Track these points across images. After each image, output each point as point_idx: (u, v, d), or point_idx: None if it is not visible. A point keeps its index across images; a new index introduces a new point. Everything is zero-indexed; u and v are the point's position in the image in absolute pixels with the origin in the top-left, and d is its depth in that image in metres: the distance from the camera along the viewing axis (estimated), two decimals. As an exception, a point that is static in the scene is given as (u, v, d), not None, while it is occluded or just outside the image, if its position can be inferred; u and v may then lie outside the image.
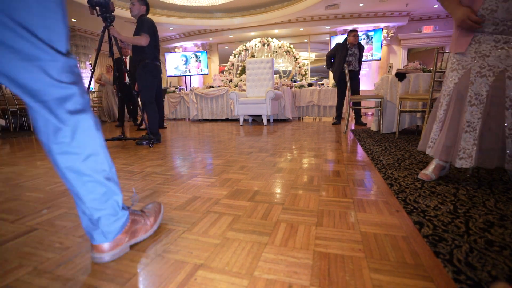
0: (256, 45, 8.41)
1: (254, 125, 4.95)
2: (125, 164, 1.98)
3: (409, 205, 1.09)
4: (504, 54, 1.18)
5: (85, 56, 8.09)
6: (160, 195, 1.29)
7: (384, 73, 7.63)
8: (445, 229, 0.88)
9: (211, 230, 0.92)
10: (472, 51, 1.26)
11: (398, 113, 2.97)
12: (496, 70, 1.20)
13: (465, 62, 1.28)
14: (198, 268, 0.71)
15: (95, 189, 0.71)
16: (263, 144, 2.73)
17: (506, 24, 1.17)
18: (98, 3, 2.37)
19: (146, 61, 2.89)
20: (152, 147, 2.73)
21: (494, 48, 1.20)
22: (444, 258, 0.72)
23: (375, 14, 7.37)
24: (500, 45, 1.19)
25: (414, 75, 3.02)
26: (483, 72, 1.22)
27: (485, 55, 1.22)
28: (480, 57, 1.23)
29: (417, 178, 1.44)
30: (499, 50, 1.19)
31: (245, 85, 5.43)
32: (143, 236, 0.85)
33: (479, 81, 1.23)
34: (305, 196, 1.22)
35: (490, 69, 1.21)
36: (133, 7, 2.79)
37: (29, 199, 1.28)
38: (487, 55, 1.22)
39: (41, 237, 0.90)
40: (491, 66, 1.21)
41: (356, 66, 4.47)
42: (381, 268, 0.69)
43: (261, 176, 1.57)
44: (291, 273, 0.68)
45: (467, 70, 1.28)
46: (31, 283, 0.67)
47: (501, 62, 1.19)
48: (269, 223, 0.96)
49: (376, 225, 0.93)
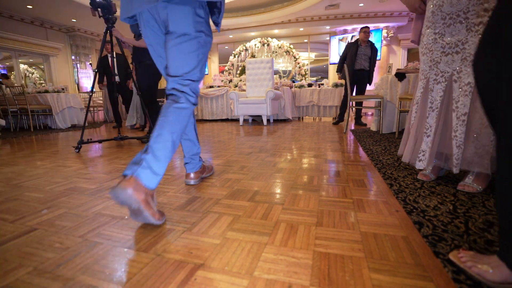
0: (256, 45, 8.42)
1: (254, 125, 4.95)
2: (125, 164, 1.98)
3: (408, 205, 1.09)
4: (450, 59, 1.26)
5: (85, 56, 8.09)
6: (160, 195, 1.29)
7: (384, 73, 7.63)
8: (445, 229, 0.88)
9: (211, 230, 0.92)
10: (428, 60, 1.35)
11: (398, 113, 2.97)
12: (446, 75, 1.28)
13: (425, 72, 1.37)
14: (198, 268, 0.71)
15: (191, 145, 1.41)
16: (263, 144, 2.73)
17: (452, 17, 1.23)
18: (101, 4, 2.38)
19: (147, 62, 2.91)
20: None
21: (443, 54, 1.28)
22: (443, 258, 0.72)
23: (375, 14, 7.37)
24: (446, 50, 1.27)
25: (414, 75, 3.02)
26: (438, 79, 1.31)
27: (437, 62, 1.31)
28: (434, 65, 1.32)
29: (416, 178, 1.44)
30: (446, 56, 1.27)
31: (245, 85, 5.43)
32: (206, 175, 1.56)
33: (436, 88, 1.32)
34: (305, 196, 1.23)
35: (442, 75, 1.30)
36: None
37: (29, 199, 1.28)
38: (439, 61, 1.30)
39: (41, 237, 0.90)
40: (442, 72, 1.29)
41: (366, 65, 4.28)
42: (381, 268, 0.69)
43: (261, 176, 1.57)
44: (291, 273, 0.68)
45: (427, 79, 1.37)
46: (31, 283, 0.67)
47: (449, 66, 1.27)
48: (269, 223, 0.96)
49: (376, 225, 0.93)
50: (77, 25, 7.64)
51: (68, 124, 5.38)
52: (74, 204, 1.20)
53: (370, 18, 7.44)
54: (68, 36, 7.98)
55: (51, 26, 7.47)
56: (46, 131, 4.77)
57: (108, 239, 0.88)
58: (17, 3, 6.05)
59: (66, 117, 5.35)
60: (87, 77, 8.43)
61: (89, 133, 4.38)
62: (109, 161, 2.09)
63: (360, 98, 3.59)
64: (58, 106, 5.19)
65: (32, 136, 4.13)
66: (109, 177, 1.64)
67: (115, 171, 1.78)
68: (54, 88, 5.37)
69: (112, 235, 0.90)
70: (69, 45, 8.03)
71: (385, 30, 7.67)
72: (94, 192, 1.36)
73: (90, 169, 1.87)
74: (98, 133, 4.47)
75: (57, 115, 5.19)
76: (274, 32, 8.48)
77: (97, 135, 4.11)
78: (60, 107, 5.21)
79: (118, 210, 1.12)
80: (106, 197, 1.28)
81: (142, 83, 2.92)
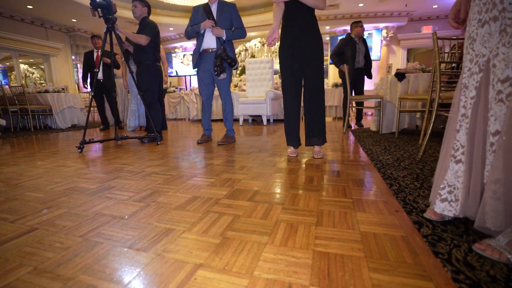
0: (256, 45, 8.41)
1: (254, 125, 4.95)
2: (125, 164, 1.98)
3: (408, 205, 1.09)
4: (487, 32, 0.78)
5: (85, 56, 8.09)
6: (160, 195, 1.29)
7: (383, 73, 7.64)
8: (444, 229, 0.88)
9: (211, 230, 0.92)
10: (466, 38, 0.89)
11: (397, 113, 2.97)
12: (482, 61, 0.81)
13: (464, 60, 0.90)
14: (198, 268, 0.71)
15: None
16: (263, 144, 2.73)
17: None
18: (101, 4, 2.39)
19: (147, 62, 2.94)
20: (159, 144, 2.84)
21: (479, 24, 0.81)
22: (443, 258, 0.72)
23: (374, 14, 7.38)
24: (483, 16, 0.79)
25: (414, 75, 3.02)
26: (472, 69, 0.84)
27: (473, 40, 0.84)
28: (470, 45, 0.86)
29: (416, 178, 1.44)
30: (482, 28, 0.80)
31: (245, 85, 5.43)
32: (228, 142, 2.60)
33: (470, 83, 0.85)
34: (305, 196, 1.23)
35: (476, 61, 0.83)
36: (135, 9, 2.85)
37: (29, 199, 1.28)
38: (475, 38, 0.83)
39: (41, 237, 0.90)
40: (478, 56, 0.82)
41: (363, 64, 4.10)
42: (381, 268, 0.69)
43: (261, 176, 1.58)
44: (290, 273, 0.68)
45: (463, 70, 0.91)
46: (31, 283, 0.67)
47: (485, 45, 0.79)
48: (269, 223, 0.96)
49: (376, 224, 0.93)
50: (77, 25, 7.65)
51: (68, 124, 5.38)
52: (74, 204, 1.20)
53: (370, 18, 7.44)
54: (68, 36, 7.98)
55: (51, 26, 7.47)
56: (46, 131, 4.77)
57: (108, 239, 0.88)
58: (17, 3, 6.05)
59: (66, 117, 5.36)
60: (87, 77, 8.41)
61: (89, 133, 4.38)
62: (109, 161, 2.09)
63: (360, 98, 3.59)
64: (58, 106, 5.19)
65: (32, 136, 4.13)
66: (109, 177, 1.64)
67: (115, 171, 1.78)
68: (54, 88, 5.38)
69: (112, 235, 0.90)
70: (69, 45, 8.04)
71: (385, 30, 7.67)
72: (94, 192, 1.36)
73: (90, 169, 1.87)
74: (98, 133, 4.47)
75: (57, 115, 5.20)
76: (274, 32, 8.48)
77: (97, 135, 4.11)
78: (60, 107, 5.21)
79: (118, 210, 1.12)
80: (106, 197, 1.28)
81: (142, 83, 2.94)
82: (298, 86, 2.00)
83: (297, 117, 2.06)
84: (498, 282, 0.63)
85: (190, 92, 6.28)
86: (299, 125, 2.10)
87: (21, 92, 4.79)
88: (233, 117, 2.88)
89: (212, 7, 2.60)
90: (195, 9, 2.64)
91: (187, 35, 2.67)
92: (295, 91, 2.00)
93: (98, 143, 3.07)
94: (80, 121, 5.63)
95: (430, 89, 2.31)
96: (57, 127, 5.22)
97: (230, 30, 2.61)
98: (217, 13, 2.58)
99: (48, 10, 6.53)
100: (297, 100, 2.03)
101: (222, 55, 2.55)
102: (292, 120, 2.05)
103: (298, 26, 1.89)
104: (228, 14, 2.59)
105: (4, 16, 6.49)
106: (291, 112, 2.04)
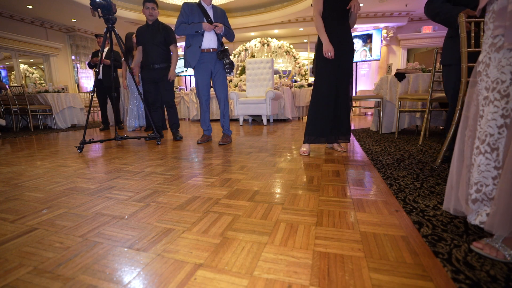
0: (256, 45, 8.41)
1: (254, 125, 4.95)
2: (125, 164, 1.98)
3: (408, 204, 1.09)
4: None
5: (85, 56, 8.08)
6: (160, 195, 1.29)
7: (383, 73, 7.64)
8: (444, 229, 0.88)
9: (211, 230, 0.92)
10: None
11: (397, 113, 2.97)
12: None
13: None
14: (198, 268, 0.71)
15: None
16: (263, 144, 2.73)
17: None
18: (101, 4, 2.39)
19: (168, 64, 3.17)
20: (159, 144, 2.91)
21: None
22: (443, 258, 0.72)
23: (374, 14, 7.38)
24: None
25: (414, 75, 3.02)
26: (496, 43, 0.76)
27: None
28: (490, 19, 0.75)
29: (416, 178, 1.44)
30: None
31: (245, 85, 5.43)
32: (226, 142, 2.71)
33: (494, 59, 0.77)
34: (304, 196, 1.23)
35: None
36: (154, 11, 2.99)
37: (29, 199, 1.28)
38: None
39: (41, 237, 0.90)
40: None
41: None
42: (381, 268, 0.69)
43: (261, 176, 1.58)
44: (290, 273, 0.68)
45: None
46: (31, 283, 0.67)
47: None
48: (268, 223, 0.96)
49: (376, 225, 0.93)
50: (77, 25, 7.64)
51: (68, 124, 5.38)
52: (74, 204, 1.20)
53: (370, 18, 7.44)
54: (68, 36, 7.97)
55: (51, 26, 7.47)
56: (46, 131, 4.77)
57: (108, 239, 0.88)
58: (17, 3, 6.05)
59: (66, 117, 5.36)
60: (87, 77, 8.43)
61: (89, 133, 4.38)
62: (109, 161, 2.09)
63: (360, 98, 3.59)
64: (58, 106, 5.19)
65: (32, 136, 4.13)
66: (109, 177, 1.64)
67: (115, 171, 1.78)
68: (54, 88, 5.37)
69: (112, 235, 0.90)
70: (69, 45, 8.03)
71: (385, 30, 7.66)
72: (94, 192, 1.36)
73: (90, 169, 1.87)
74: (98, 133, 4.47)
75: (57, 115, 5.20)
76: (274, 32, 8.47)
77: (97, 135, 4.10)
78: (60, 107, 5.21)
79: (118, 210, 1.12)
80: (106, 197, 1.28)
81: (168, 83, 3.14)
82: (334, 84, 2.10)
83: (332, 113, 2.12)
84: (498, 282, 0.63)
85: (190, 92, 6.28)
86: None
87: (21, 92, 4.79)
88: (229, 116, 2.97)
89: (207, 9, 2.65)
90: (189, 6, 2.59)
91: (181, 31, 2.59)
92: (334, 87, 2.08)
93: (98, 143, 3.07)
94: (80, 121, 5.63)
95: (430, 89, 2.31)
96: (57, 127, 5.22)
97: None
98: (213, 16, 2.66)
99: (48, 10, 6.52)
100: (333, 97, 2.10)
101: (227, 53, 2.67)
102: (327, 115, 2.10)
103: (338, 37, 2.05)
104: (221, 19, 2.69)
105: (4, 16, 6.48)
106: (327, 108, 2.09)
